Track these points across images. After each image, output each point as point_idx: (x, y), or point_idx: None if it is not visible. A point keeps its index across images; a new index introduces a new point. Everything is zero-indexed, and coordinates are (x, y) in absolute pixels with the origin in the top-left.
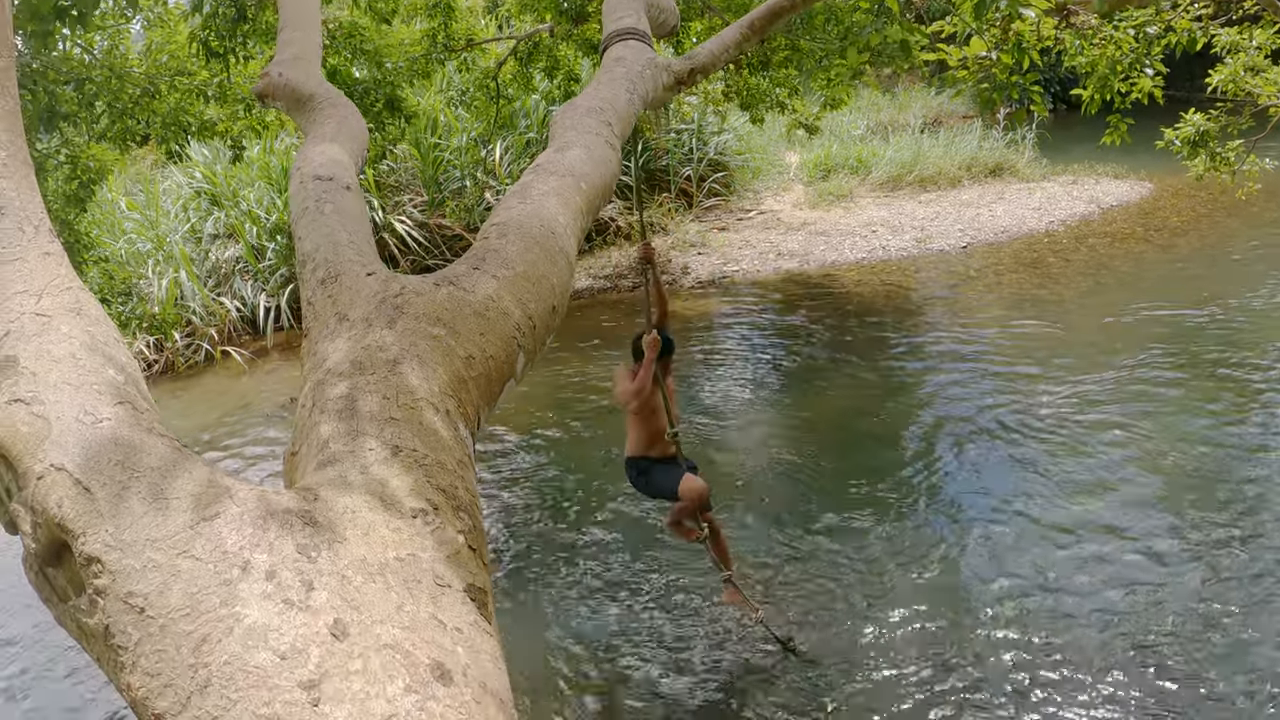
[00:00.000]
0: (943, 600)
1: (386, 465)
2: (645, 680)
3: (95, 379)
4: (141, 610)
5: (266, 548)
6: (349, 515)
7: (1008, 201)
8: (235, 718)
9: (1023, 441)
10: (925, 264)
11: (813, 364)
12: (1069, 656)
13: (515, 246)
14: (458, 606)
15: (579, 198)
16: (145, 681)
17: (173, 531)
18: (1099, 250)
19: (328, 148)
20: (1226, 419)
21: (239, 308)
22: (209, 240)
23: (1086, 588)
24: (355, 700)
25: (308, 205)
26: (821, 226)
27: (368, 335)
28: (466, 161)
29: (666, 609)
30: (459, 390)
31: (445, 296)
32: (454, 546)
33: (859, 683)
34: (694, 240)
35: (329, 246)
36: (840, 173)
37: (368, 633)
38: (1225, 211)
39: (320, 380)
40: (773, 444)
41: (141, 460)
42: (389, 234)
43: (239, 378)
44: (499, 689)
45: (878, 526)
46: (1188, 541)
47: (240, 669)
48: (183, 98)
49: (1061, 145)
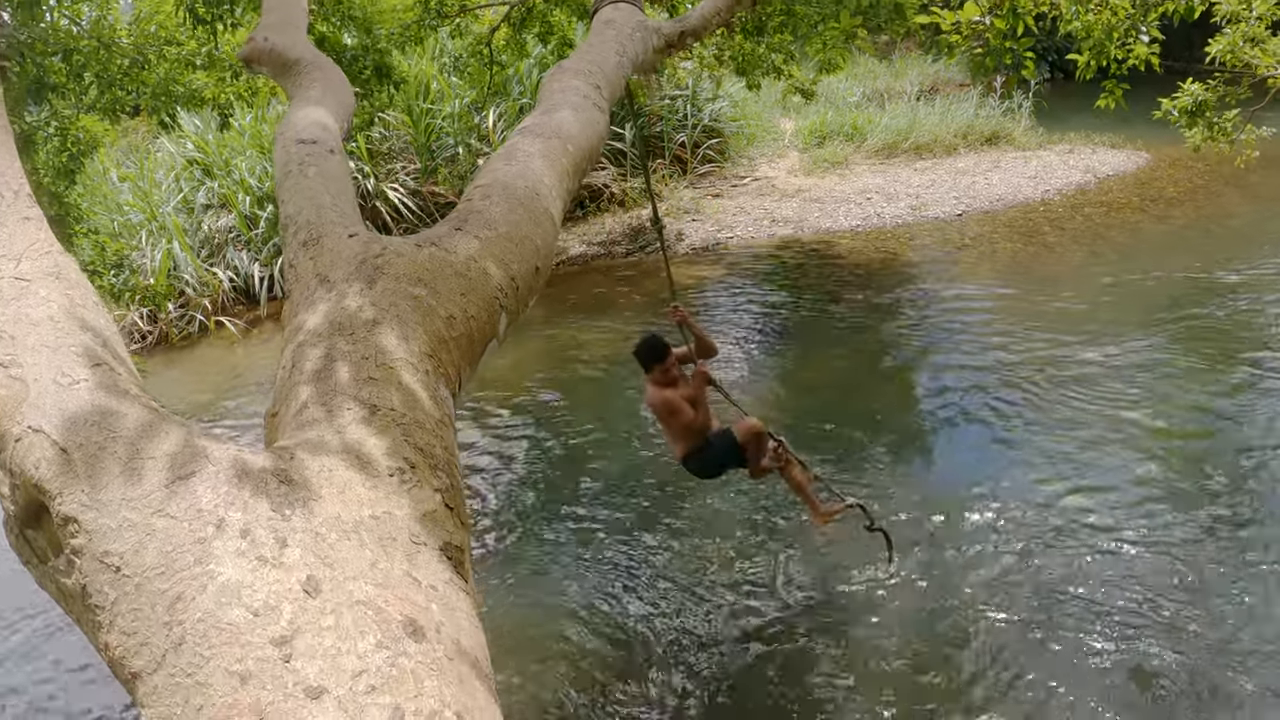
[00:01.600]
0: (935, 562)
1: (364, 425)
2: (637, 641)
3: (73, 342)
4: (117, 569)
5: (241, 506)
6: (325, 474)
7: (1003, 170)
8: (208, 675)
9: (1015, 406)
10: (920, 231)
11: (807, 329)
12: (1056, 620)
13: (499, 208)
14: (433, 564)
15: (565, 159)
16: (122, 640)
17: (148, 491)
18: (1095, 219)
19: (312, 111)
20: (1218, 386)
21: (232, 278)
22: (201, 210)
23: (1077, 549)
24: (326, 656)
25: (291, 169)
26: (816, 193)
27: (347, 296)
28: (460, 128)
29: (659, 572)
30: (439, 350)
31: (427, 257)
32: (430, 505)
33: (851, 644)
34: (688, 206)
35: (311, 209)
36: (835, 140)
37: (340, 589)
38: (1222, 182)
39: (300, 342)
40: (768, 408)
41: (118, 422)
42: (381, 202)
43: (233, 347)
44: (473, 646)
45: (872, 485)
46: (1178, 503)
47: (213, 626)
48: (172, 67)
49: (1058, 114)
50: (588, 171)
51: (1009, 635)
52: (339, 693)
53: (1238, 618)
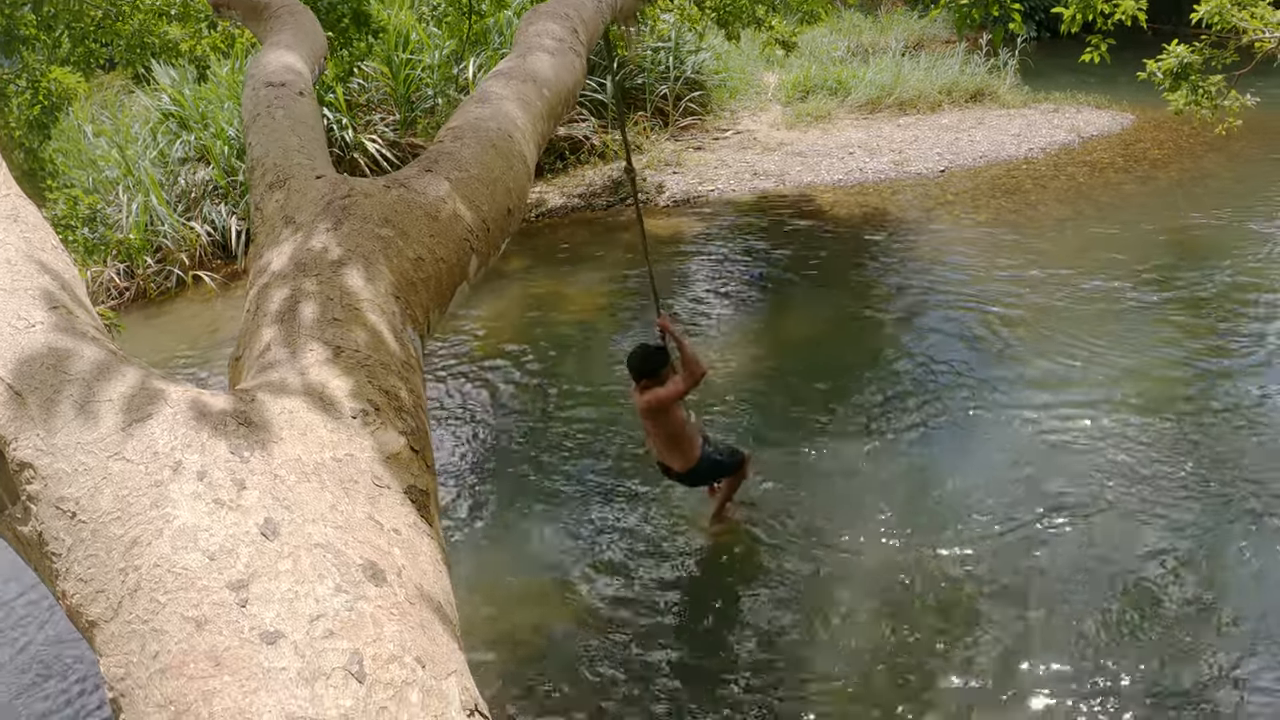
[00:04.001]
0: (912, 516)
1: (327, 367)
2: (608, 595)
3: (29, 284)
4: (73, 515)
5: (199, 448)
6: (286, 416)
7: (987, 127)
8: (164, 621)
9: (994, 361)
10: (902, 187)
11: (786, 283)
12: (1035, 578)
13: (470, 149)
14: (396, 507)
15: (540, 103)
16: (78, 588)
17: (104, 434)
18: (1078, 179)
19: (282, 55)
20: (1195, 343)
21: (209, 232)
22: (178, 164)
23: (1056, 504)
24: (283, 600)
25: (259, 112)
26: (798, 147)
27: (313, 237)
28: (439, 79)
29: (633, 525)
30: (407, 292)
31: (395, 198)
32: (395, 448)
33: (826, 598)
34: (669, 159)
35: (279, 151)
36: (819, 94)
37: (299, 532)
38: (1206, 146)
39: (264, 284)
40: (745, 360)
41: (74, 365)
42: (360, 153)
43: (211, 302)
44: (436, 591)
45: (848, 440)
46: (1156, 458)
47: (169, 571)
48: (146, 19)
49: (1044, 73)
50: (563, 116)
51: (985, 592)
52: (296, 637)
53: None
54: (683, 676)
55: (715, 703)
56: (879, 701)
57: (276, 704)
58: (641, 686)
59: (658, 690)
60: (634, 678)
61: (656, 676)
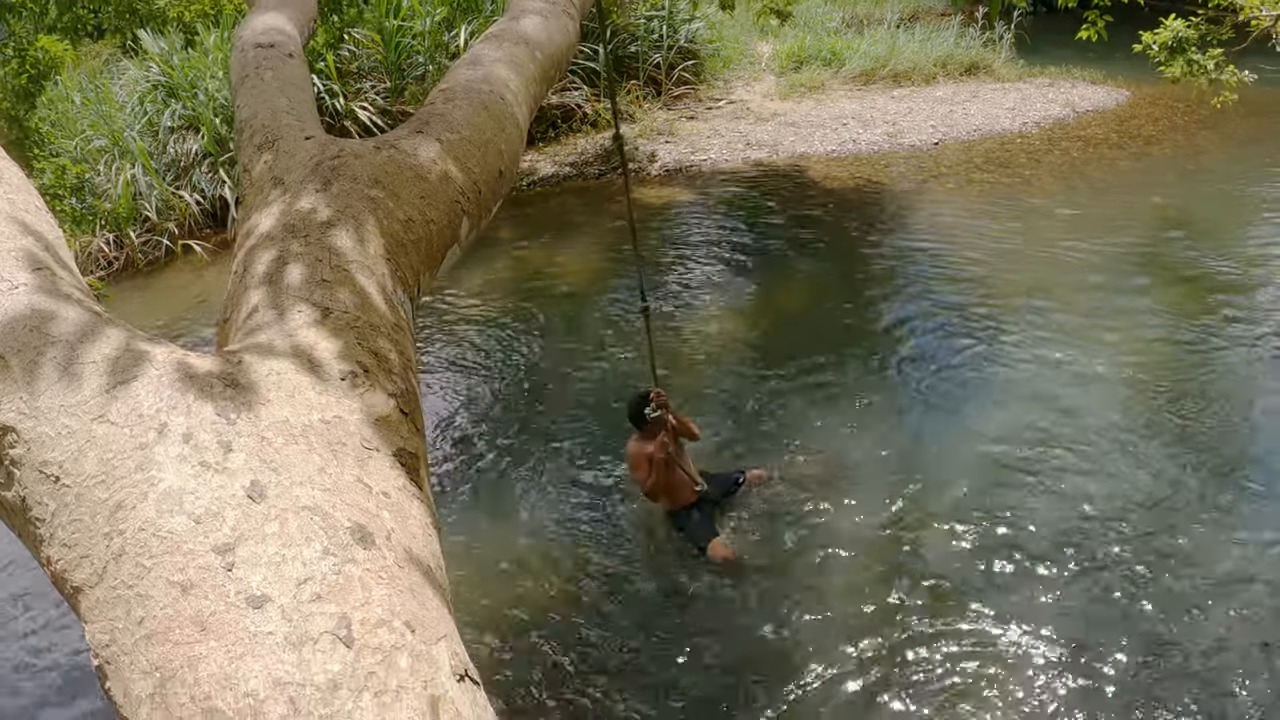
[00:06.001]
0: (900, 485)
1: (315, 328)
2: (597, 561)
3: (11, 245)
4: (57, 479)
5: (184, 410)
6: (273, 378)
7: (981, 101)
8: (149, 586)
9: (983, 334)
10: (895, 159)
11: (777, 253)
12: (1021, 555)
13: (462, 111)
14: (385, 470)
15: (533, 65)
16: (63, 554)
17: (88, 396)
18: (1071, 154)
19: (271, 17)
20: (1183, 316)
21: (199, 200)
22: (167, 133)
23: (1042, 481)
24: (270, 564)
25: (248, 73)
26: (792, 118)
27: (301, 198)
28: (430, 46)
29: (620, 495)
30: (397, 254)
31: (385, 159)
32: (384, 410)
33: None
34: (662, 128)
35: (267, 113)
36: (813, 65)
37: (286, 495)
38: (1200, 124)
39: (252, 246)
40: (735, 330)
41: (57, 326)
42: (351, 121)
43: (201, 272)
44: (426, 555)
45: (836, 410)
46: (1142, 431)
47: (154, 535)
48: None
49: (1039, 48)
50: (556, 79)
51: (968, 562)
52: (283, 601)
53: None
54: (672, 643)
55: (704, 668)
56: (863, 669)
57: (263, 669)
58: (631, 654)
59: (648, 659)
60: (624, 646)
61: (648, 644)
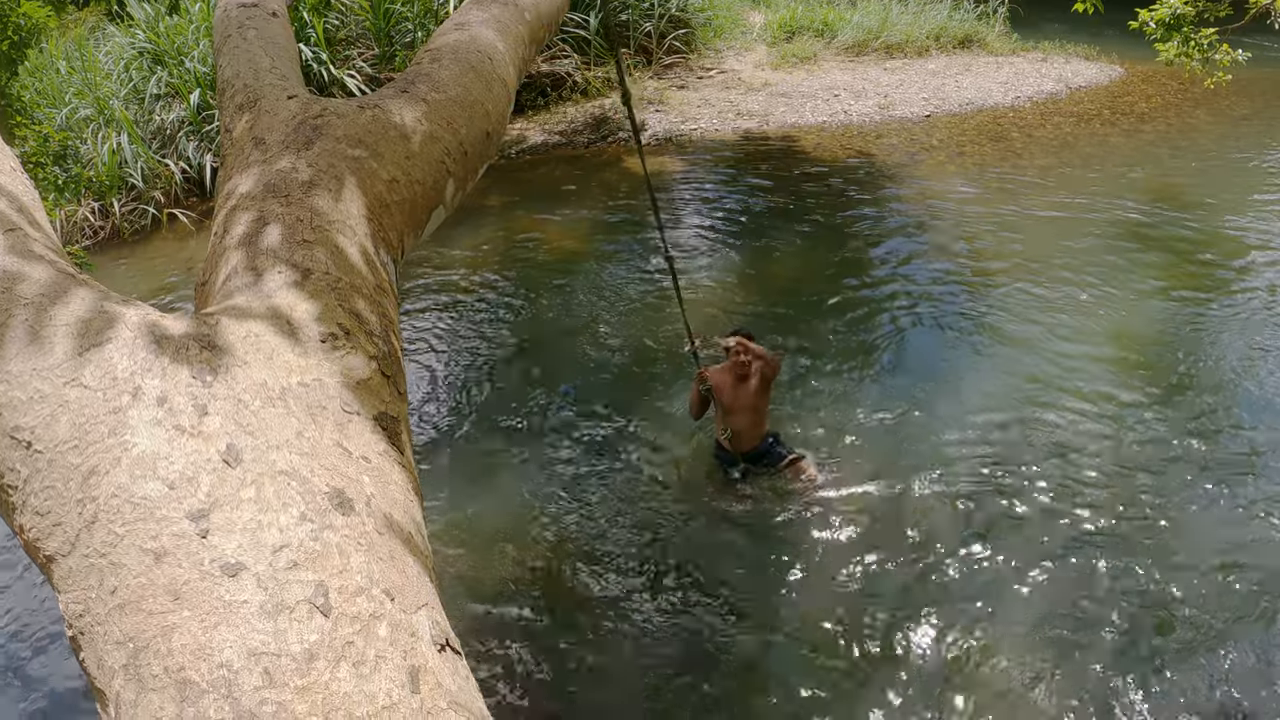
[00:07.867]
0: (892, 456)
1: (294, 289)
2: (585, 530)
3: None
4: (29, 445)
5: (159, 373)
6: (251, 340)
7: (974, 74)
8: (121, 554)
9: (973, 309)
10: (887, 130)
11: (767, 224)
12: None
13: (448, 71)
14: (366, 434)
15: (521, 26)
16: (35, 522)
17: (60, 360)
18: (1064, 129)
19: None
20: (1174, 294)
21: (184, 169)
22: (152, 101)
23: (1033, 456)
24: (246, 530)
25: (230, 32)
26: (783, 88)
27: (282, 158)
28: (419, 13)
29: (609, 469)
30: (380, 214)
31: (369, 119)
32: (365, 373)
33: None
34: (652, 97)
35: (250, 72)
36: (805, 35)
37: (263, 459)
38: (1193, 103)
39: (232, 207)
40: (727, 301)
41: (26, 288)
42: (339, 89)
43: (186, 240)
44: (406, 522)
45: (824, 383)
46: (1132, 407)
47: (127, 501)
48: None
49: (1034, 22)
50: (546, 39)
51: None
52: (258, 569)
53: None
54: (659, 612)
55: (691, 638)
56: (857, 637)
57: (238, 639)
58: (617, 622)
59: (635, 629)
60: (613, 615)
61: (634, 613)
